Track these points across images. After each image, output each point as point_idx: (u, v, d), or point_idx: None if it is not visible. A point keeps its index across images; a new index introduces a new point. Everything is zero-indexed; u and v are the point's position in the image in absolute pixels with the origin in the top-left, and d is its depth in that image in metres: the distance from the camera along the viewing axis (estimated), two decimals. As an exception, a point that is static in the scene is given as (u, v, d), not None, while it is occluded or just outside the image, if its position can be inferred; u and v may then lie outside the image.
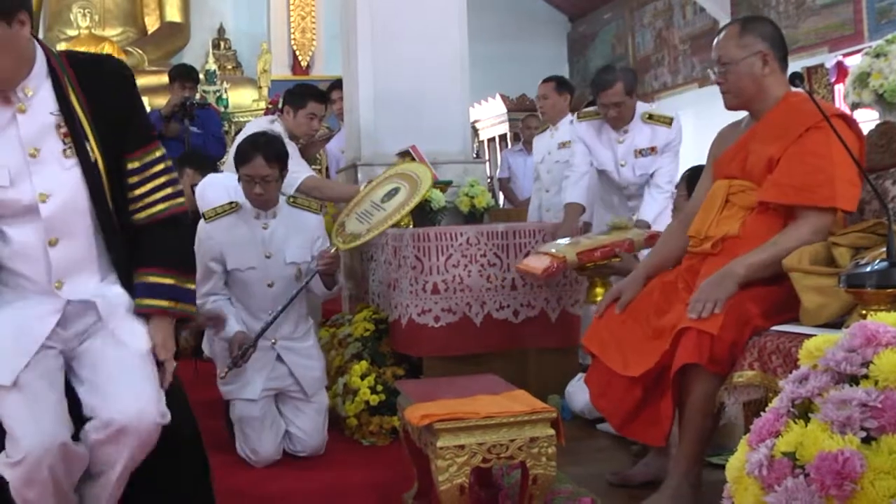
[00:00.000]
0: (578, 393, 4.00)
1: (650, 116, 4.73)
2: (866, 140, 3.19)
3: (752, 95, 3.01)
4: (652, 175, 4.67)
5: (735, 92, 3.03)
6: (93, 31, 12.40)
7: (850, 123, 2.92)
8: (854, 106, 4.67)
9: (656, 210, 4.58)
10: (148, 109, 6.99)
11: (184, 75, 6.24)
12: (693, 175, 3.77)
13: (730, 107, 3.10)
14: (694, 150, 4.96)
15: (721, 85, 3.05)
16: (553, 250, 3.95)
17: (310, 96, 4.97)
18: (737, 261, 2.81)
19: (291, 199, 4.03)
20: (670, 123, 4.71)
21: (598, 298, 3.80)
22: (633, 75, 4.82)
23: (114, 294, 2.55)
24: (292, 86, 5.26)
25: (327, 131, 6.02)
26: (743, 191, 3.00)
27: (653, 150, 4.69)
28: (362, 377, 4.06)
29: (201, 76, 10.21)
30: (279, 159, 3.83)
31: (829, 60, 9.00)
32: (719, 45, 3.05)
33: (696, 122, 4.99)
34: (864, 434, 1.52)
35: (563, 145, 5.53)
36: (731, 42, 3.01)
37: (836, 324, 2.47)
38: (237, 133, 6.21)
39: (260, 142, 3.86)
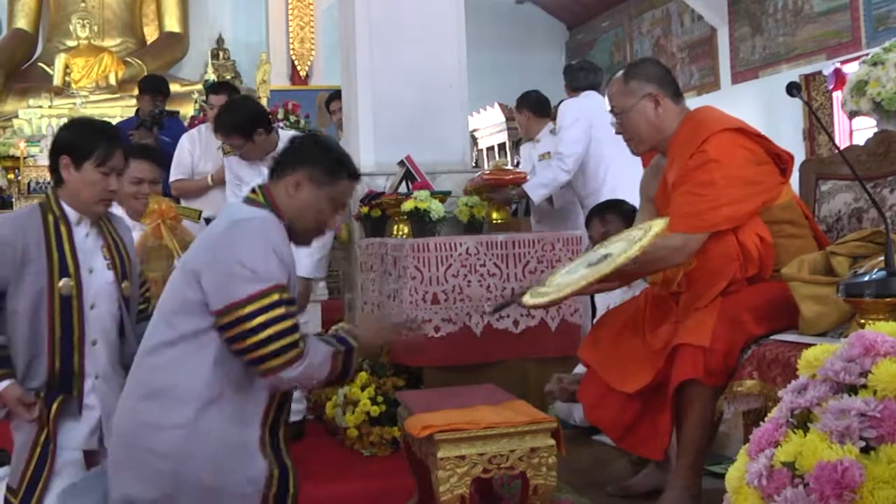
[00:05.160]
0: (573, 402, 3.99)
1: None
2: (864, 148, 3.20)
3: (652, 137, 3.05)
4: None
5: (636, 138, 3.08)
6: (92, 41, 12.44)
7: (745, 133, 2.93)
8: (852, 114, 4.69)
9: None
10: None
11: (154, 90, 6.27)
12: (604, 209, 3.96)
13: (637, 153, 3.18)
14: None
15: (623, 134, 3.10)
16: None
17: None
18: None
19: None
20: None
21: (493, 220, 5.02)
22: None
23: None
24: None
25: None
26: None
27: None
28: (362, 388, 4.06)
29: (199, 86, 10.25)
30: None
31: (827, 68, 9.03)
32: (610, 97, 3.10)
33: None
34: (863, 444, 1.52)
35: (542, 157, 5.68)
36: (619, 91, 3.06)
37: (835, 333, 2.48)
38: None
39: None
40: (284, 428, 2.56)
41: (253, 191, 2.64)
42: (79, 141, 2.88)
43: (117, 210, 3.94)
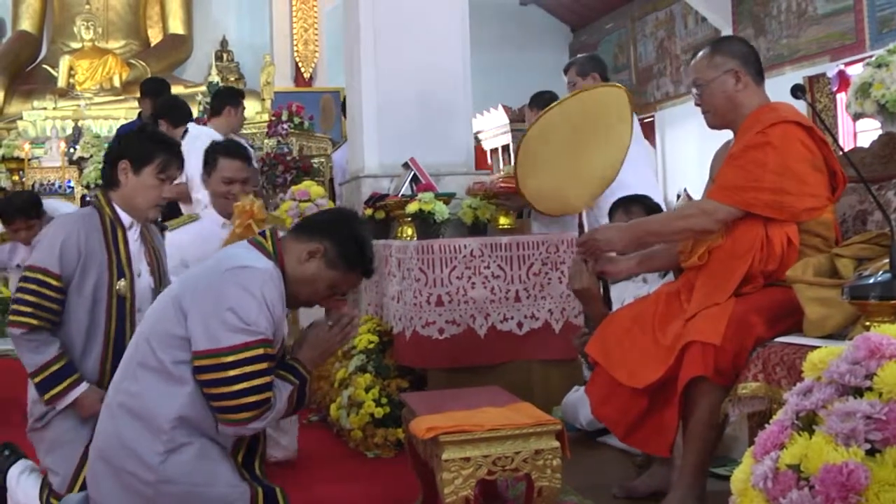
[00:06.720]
0: (580, 405, 4.00)
1: None
2: (869, 151, 3.20)
3: (728, 112, 3.06)
4: None
5: (712, 111, 3.09)
6: (96, 43, 12.47)
7: (812, 135, 2.93)
8: (856, 116, 4.67)
9: None
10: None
11: (155, 92, 6.28)
12: (629, 202, 3.98)
13: (711, 126, 3.17)
14: (699, 161, 5.00)
15: (701, 106, 3.13)
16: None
17: (240, 94, 5.78)
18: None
19: None
20: None
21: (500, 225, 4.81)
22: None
23: None
24: (220, 89, 6.26)
25: None
26: None
27: None
28: (367, 390, 4.06)
29: (203, 88, 10.26)
30: None
31: (831, 70, 9.02)
32: (694, 68, 3.13)
33: (700, 132, 5.01)
34: (868, 446, 1.52)
35: None
36: (704, 63, 3.09)
37: (840, 335, 2.48)
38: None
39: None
40: (260, 458, 2.61)
41: (263, 234, 2.63)
42: (141, 147, 3.04)
43: (209, 210, 4.04)
